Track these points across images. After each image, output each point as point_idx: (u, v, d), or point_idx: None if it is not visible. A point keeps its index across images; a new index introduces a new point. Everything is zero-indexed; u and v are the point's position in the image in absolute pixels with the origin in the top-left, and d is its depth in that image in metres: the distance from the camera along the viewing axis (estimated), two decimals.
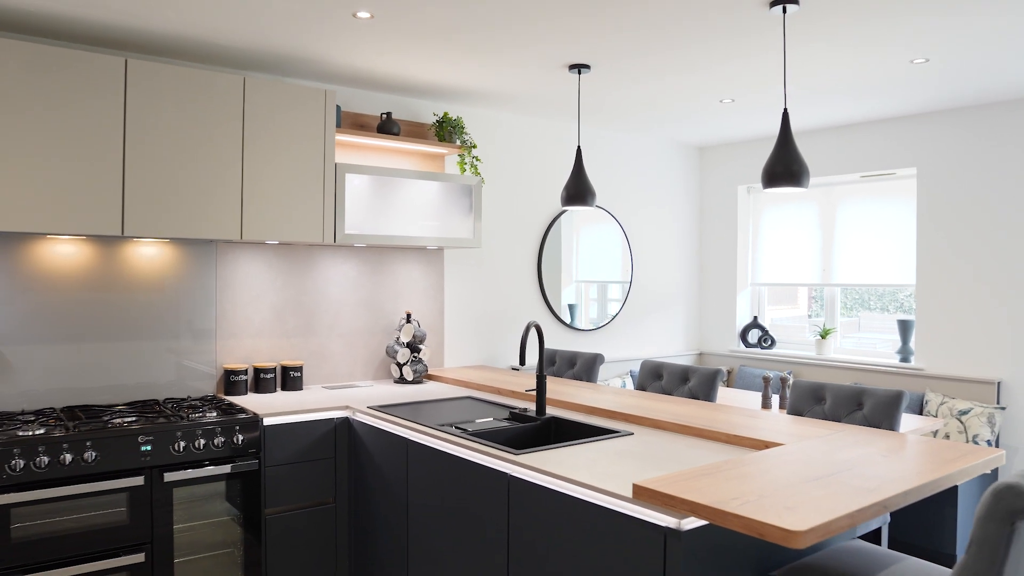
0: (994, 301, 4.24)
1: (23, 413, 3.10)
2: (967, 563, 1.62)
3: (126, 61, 3.07)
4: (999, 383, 4.20)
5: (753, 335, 5.50)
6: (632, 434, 2.74)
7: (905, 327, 4.67)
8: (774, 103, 4.32)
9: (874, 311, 5.13)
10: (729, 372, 5.51)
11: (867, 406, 2.93)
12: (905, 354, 4.66)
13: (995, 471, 4.20)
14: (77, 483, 2.74)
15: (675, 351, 5.65)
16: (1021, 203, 4.15)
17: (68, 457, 2.71)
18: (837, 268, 5.08)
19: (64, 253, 3.29)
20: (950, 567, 3.93)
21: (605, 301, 5.26)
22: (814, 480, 1.98)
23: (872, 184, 4.92)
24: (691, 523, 1.86)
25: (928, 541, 3.84)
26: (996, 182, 4.24)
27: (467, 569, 2.58)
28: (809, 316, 5.44)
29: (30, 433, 2.72)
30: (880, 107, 4.41)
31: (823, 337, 5.02)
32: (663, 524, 1.88)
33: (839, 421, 2.99)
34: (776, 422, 2.81)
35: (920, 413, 4.38)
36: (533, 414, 3.06)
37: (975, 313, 4.32)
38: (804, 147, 5.17)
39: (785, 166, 2.70)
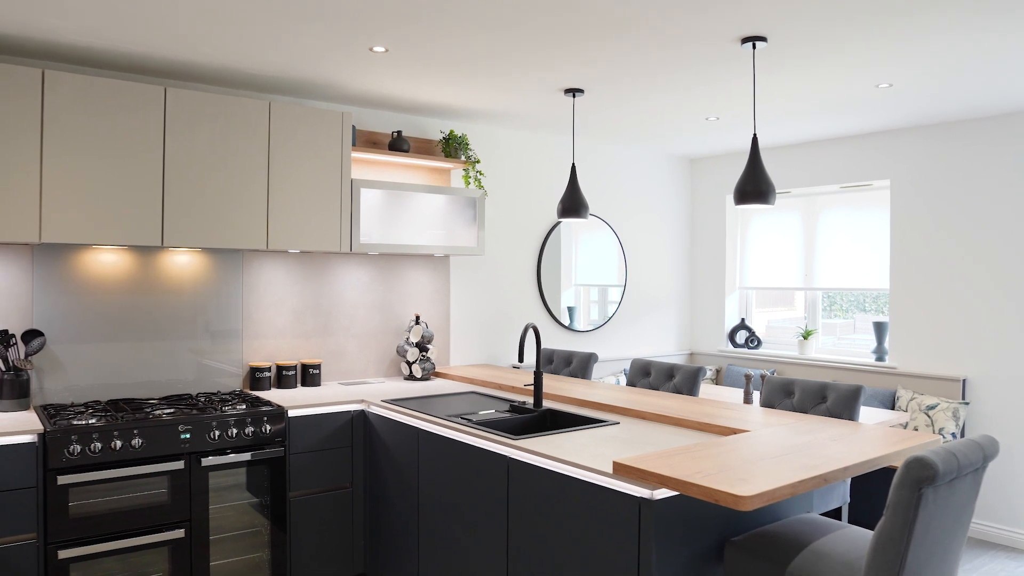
0: (961, 304, 4.58)
1: (72, 405, 3.44)
2: (885, 524, 1.96)
3: (165, 89, 3.42)
4: (964, 380, 4.53)
5: (740, 336, 5.84)
6: (618, 423, 3.08)
7: (880, 328, 5.01)
8: (752, 120, 4.66)
9: (868, 313, 5.44)
10: (718, 371, 5.84)
11: (830, 399, 3.27)
12: (880, 353, 5.00)
13: None
14: (126, 466, 3.09)
15: (667, 351, 5.99)
16: (985, 213, 4.48)
17: (118, 443, 3.06)
18: (819, 273, 5.42)
19: (107, 261, 3.64)
20: None
21: (601, 304, 5.60)
22: (768, 459, 2.32)
23: (851, 194, 5.25)
24: (662, 494, 2.20)
25: None
26: (962, 194, 4.57)
27: (472, 542, 2.93)
28: (805, 318, 5.74)
29: (84, 422, 3.07)
30: (855, 124, 4.75)
31: (805, 338, 5.35)
32: (637, 495, 2.22)
33: (806, 412, 3.32)
34: (746, 413, 3.15)
35: (892, 408, 4.71)
36: (531, 406, 3.41)
37: (943, 315, 4.65)
38: (787, 159, 5.51)
39: (754, 185, 3.05)
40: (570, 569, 2.46)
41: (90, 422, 3.08)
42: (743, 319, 5.89)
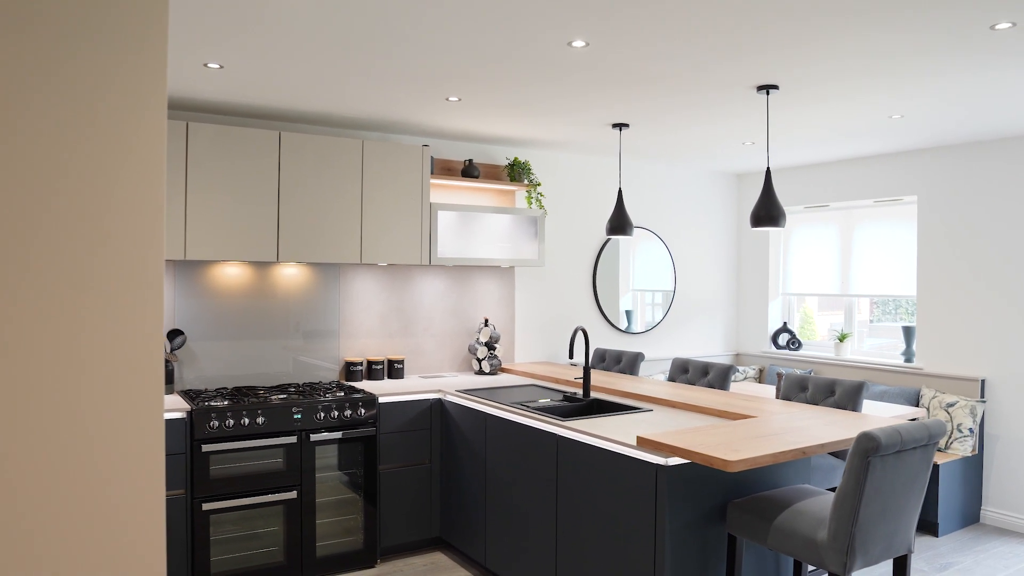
0: (981, 310, 4.98)
1: (206, 391, 4.24)
2: (841, 485, 2.52)
3: (279, 134, 4.18)
4: (983, 380, 4.94)
5: (783, 338, 6.32)
6: (652, 410, 3.68)
7: (908, 332, 5.43)
8: (789, 142, 5.16)
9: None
10: (760, 370, 6.34)
11: (837, 393, 3.79)
12: (908, 355, 5.42)
13: (980, 455, 4.95)
14: (252, 439, 3.85)
15: (714, 352, 6.52)
16: (1004, 226, 4.88)
17: (246, 421, 3.82)
18: (855, 279, 5.87)
19: (231, 274, 4.43)
20: (933, 534, 4.74)
21: (653, 308, 6.17)
22: (762, 436, 2.89)
23: (884, 208, 5.69)
24: (674, 461, 2.80)
25: None
26: (983, 209, 4.98)
27: (528, 504, 3.57)
28: (871, 321, 6.10)
29: (218, 404, 3.84)
30: (880, 145, 5.20)
31: (841, 340, 5.81)
32: (655, 462, 2.82)
33: (816, 404, 3.85)
34: (761, 403, 3.70)
35: (916, 405, 5.14)
36: (580, 396, 4.03)
37: (965, 320, 5.06)
38: (823, 176, 5.97)
39: (767, 211, 3.60)
40: (605, 522, 3.08)
41: (223, 404, 3.85)
42: (785, 323, 6.37)
